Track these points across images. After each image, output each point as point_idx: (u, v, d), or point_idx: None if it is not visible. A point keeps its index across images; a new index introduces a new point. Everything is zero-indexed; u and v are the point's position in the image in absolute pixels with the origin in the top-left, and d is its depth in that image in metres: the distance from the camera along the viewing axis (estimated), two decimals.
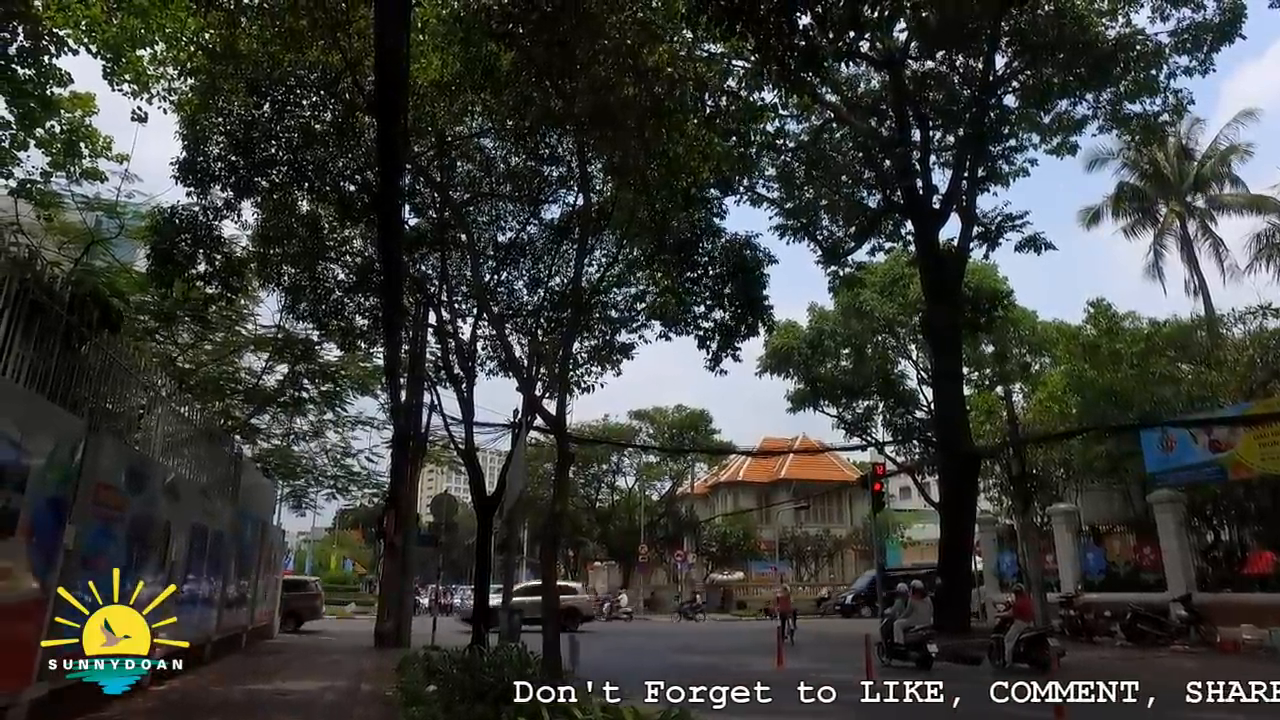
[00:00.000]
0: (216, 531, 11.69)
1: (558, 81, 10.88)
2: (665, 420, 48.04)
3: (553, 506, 13.05)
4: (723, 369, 15.69)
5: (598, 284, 16.55)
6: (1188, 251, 30.59)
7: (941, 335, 20.82)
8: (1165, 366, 21.70)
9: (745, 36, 7.25)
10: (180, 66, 12.57)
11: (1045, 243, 21.04)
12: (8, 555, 5.49)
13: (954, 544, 19.66)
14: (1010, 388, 27.88)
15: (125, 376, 8.48)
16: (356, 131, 13.90)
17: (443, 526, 18.31)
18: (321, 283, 16.71)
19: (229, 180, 13.72)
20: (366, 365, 21.56)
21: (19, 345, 5.82)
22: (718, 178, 14.66)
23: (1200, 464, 17.80)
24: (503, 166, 15.99)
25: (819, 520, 49.85)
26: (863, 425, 31.91)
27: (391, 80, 6.99)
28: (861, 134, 21.22)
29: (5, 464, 5.37)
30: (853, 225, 23.39)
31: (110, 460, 7.31)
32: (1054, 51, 18.03)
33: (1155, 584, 18.68)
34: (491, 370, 18.88)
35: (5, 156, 12.01)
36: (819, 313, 30.76)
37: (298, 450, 24.98)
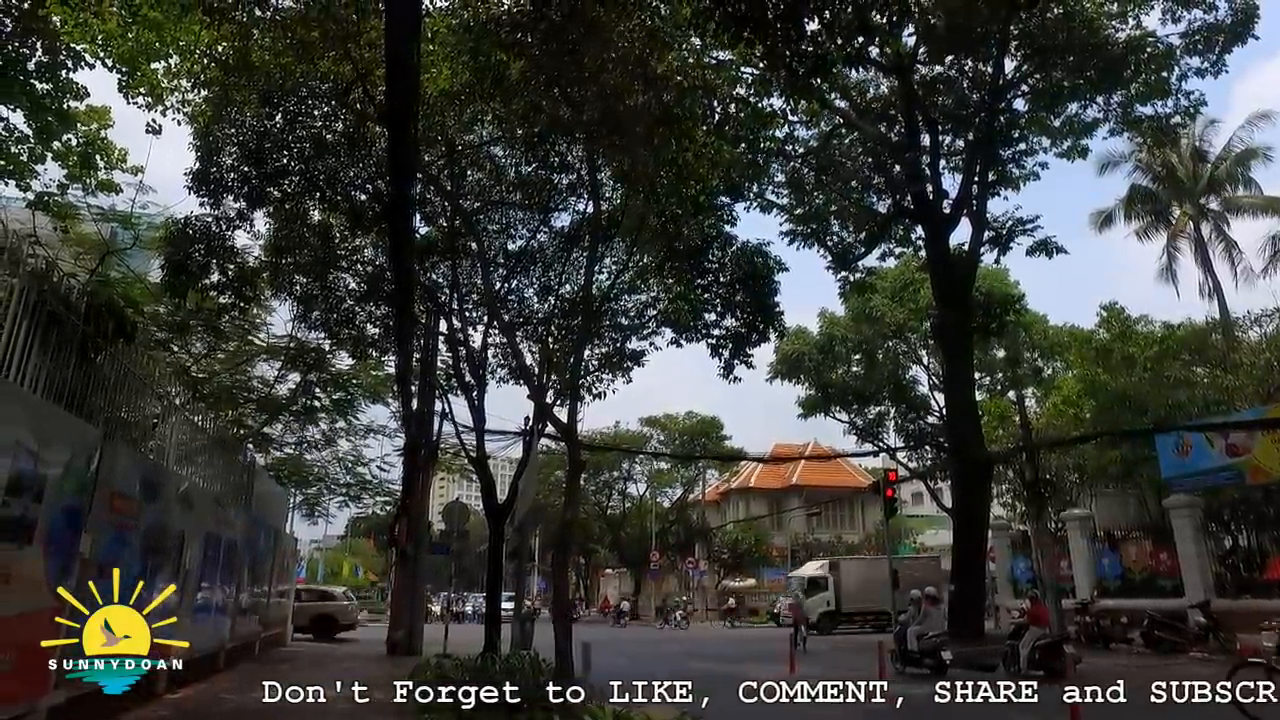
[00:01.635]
0: (230, 540, 11.76)
1: (567, 90, 10.95)
2: (676, 427, 47.90)
3: (564, 514, 13.06)
4: (735, 376, 15.70)
5: (608, 291, 16.56)
6: (1201, 254, 30.25)
7: (952, 340, 20.69)
8: (1180, 370, 21.49)
9: (753, 43, 7.26)
10: (194, 79, 12.70)
11: (1056, 246, 20.89)
12: (25, 563, 5.54)
13: (967, 550, 19.51)
14: (1023, 392, 27.69)
15: (140, 386, 8.55)
16: (367, 141, 14.00)
17: (454, 534, 18.31)
18: (333, 292, 16.80)
19: (241, 190, 13.84)
20: (378, 374, 21.67)
21: (36, 356, 5.88)
22: (727, 184, 14.69)
23: (1217, 468, 17.62)
24: (513, 174, 16.05)
25: (831, 526, 49.60)
26: (874, 431, 31.72)
27: (403, 90, 7.03)
28: (871, 139, 21.17)
29: (23, 473, 5.42)
30: (863, 230, 23.30)
31: (125, 469, 7.37)
32: (1064, 54, 17.94)
33: (1172, 590, 18.46)
34: (502, 378, 18.88)
35: (23, 170, 12.19)
36: (829, 318, 30.63)
37: (310, 458, 25.14)
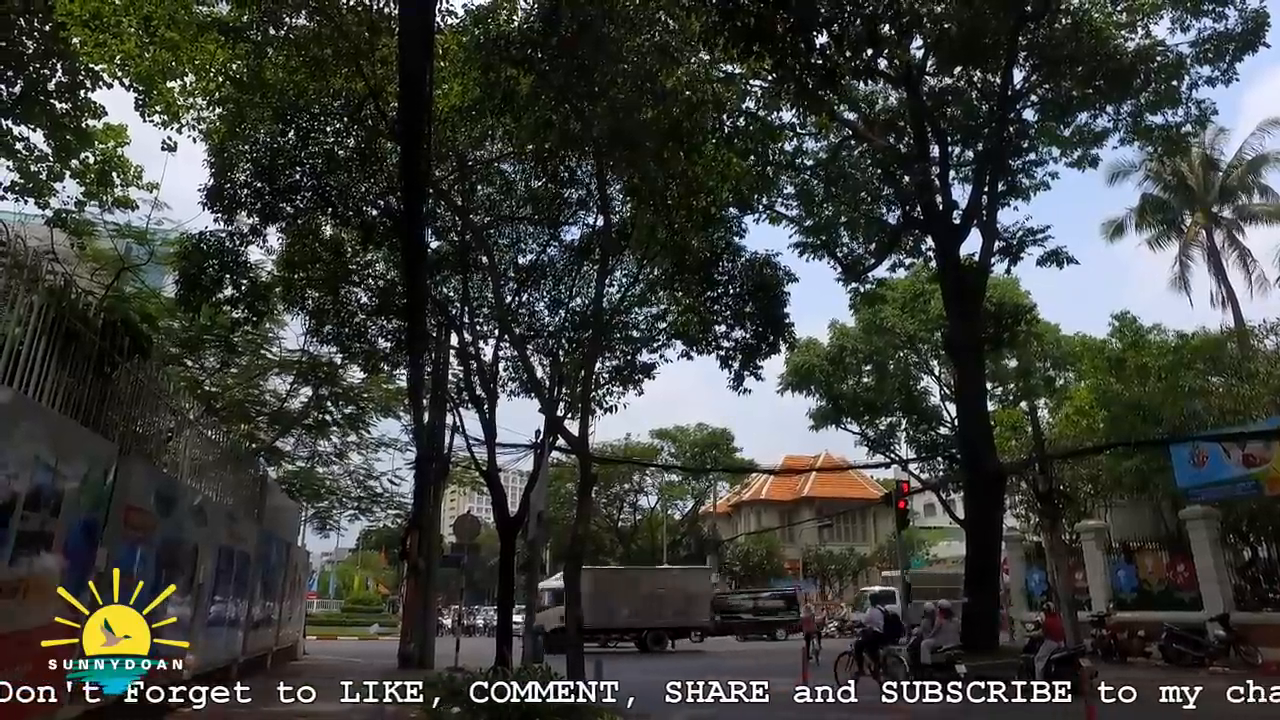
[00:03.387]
0: (243, 553, 11.79)
1: (577, 105, 11.03)
2: (687, 439, 47.85)
3: (575, 527, 13.05)
4: (745, 388, 15.70)
5: (618, 304, 16.61)
6: (1215, 263, 30.05)
7: (964, 351, 20.59)
8: (1195, 380, 21.29)
9: (762, 56, 7.31)
10: (209, 96, 12.89)
11: (1067, 257, 20.80)
12: (42, 577, 5.58)
13: (980, 562, 19.32)
14: (1035, 402, 27.50)
15: (155, 401, 8.61)
16: (379, 157, 14.14)
17: (465, 547, 18.34)
18: (345, 306, 16.92)
19: (255, 206, 13.96)
20: (389, 387, 21.75)
21: (54, 371, 5.94)
22: (736, 197, 14.71)
23: (1234, 479, 17.41)
24: (523, 189, 16.17)
25: (843, 539, 49.36)
26: (886, 442, 31.57)
27: (414, 106, 7.11)
28: (880, 151, 21.17)
29: (41, 487, 5.47)
30: (873, 242, 23.28)
31: (140, 483, 7.42)
32: (1073, 65, 17.91)
33: (1190, 603, 18.21)
34: (513, 391, 18.95)
35: (43, 188, 12.38)
36: (840, 330, 30.59)
37: (322, 472, 25.24)
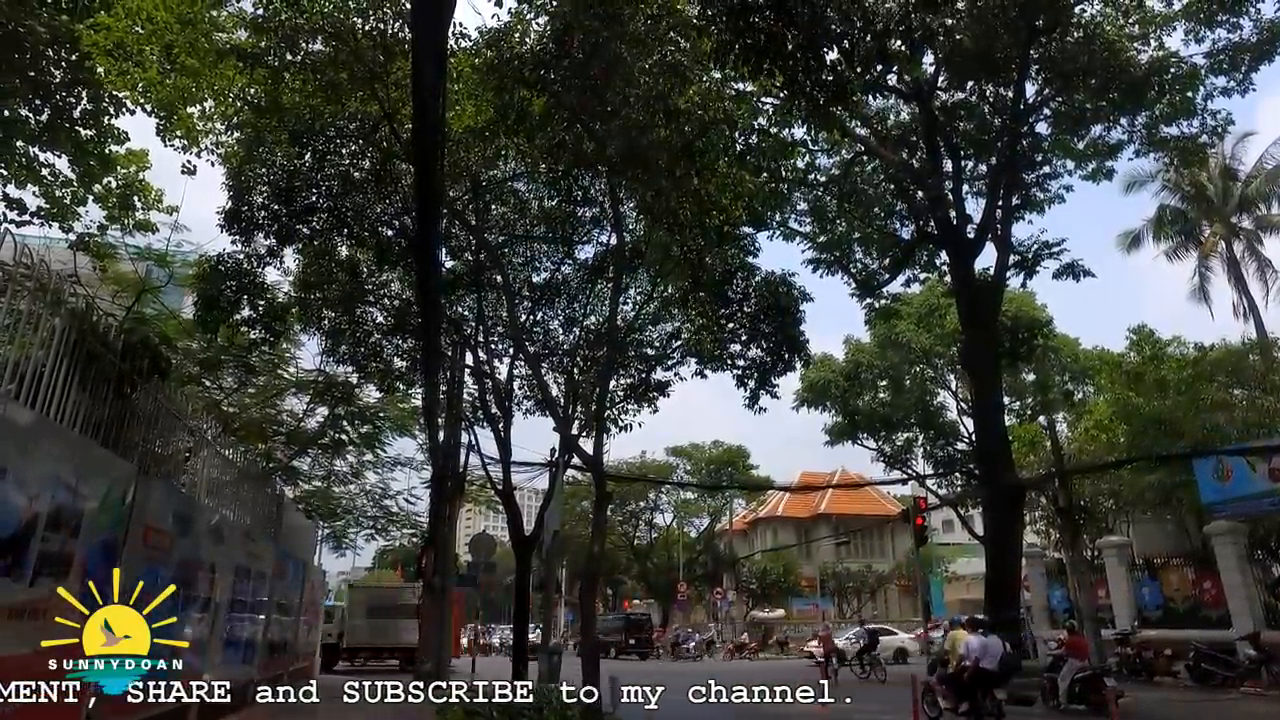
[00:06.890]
0: (259, 572, 11.81)
1: (589, 125, 11.12)
2: (702, 456, 47.64)
3: (591, 545, 13.01)
4: (761, 406, 15.63)
5: (633, 322, 16.64)
6: (1235, 274, 29.71)
7: (980, 365, 20.43)
8: (1217, 393, 20.99)
9: (774, 73, 7.35)
10: (227, 121, 13.10)
11: (1083, 269, 20.62)
12: (61, 597, 5.60)
13: (1000, 579, 19.02)
14: (1054, 417, 27.19)
15: (173, 421, 8.67)
16: (394, 178, 14.28)
17: (481, 566, 18.29)
18: (361, 326, 17.05)
19: (271, 228, 14.16)
20: (405, 406, 21.79)
21: (75, 393, 6.01)
22: (750, 214, 14.73)
23: (1260, 494, 17.10)
24: (536, 208, 16.27)
25: (860, 555, 48.83)
26: (903, 458, 31.31)
27: (428, 127, 7.18)
28: (893, 166, 21.15)
29: (62, 508, 5.52)
30: (887, 257, 23.22)
31: (158, 503, 7.46)
32: (1086, 77, 17.85)
33: (1217, 620, 17.86)
34: (528, 410, 18.97)
35: (67, 212, 12.59)
36: (855, 345, 30.47)
37: (338, 491, 25.26)
